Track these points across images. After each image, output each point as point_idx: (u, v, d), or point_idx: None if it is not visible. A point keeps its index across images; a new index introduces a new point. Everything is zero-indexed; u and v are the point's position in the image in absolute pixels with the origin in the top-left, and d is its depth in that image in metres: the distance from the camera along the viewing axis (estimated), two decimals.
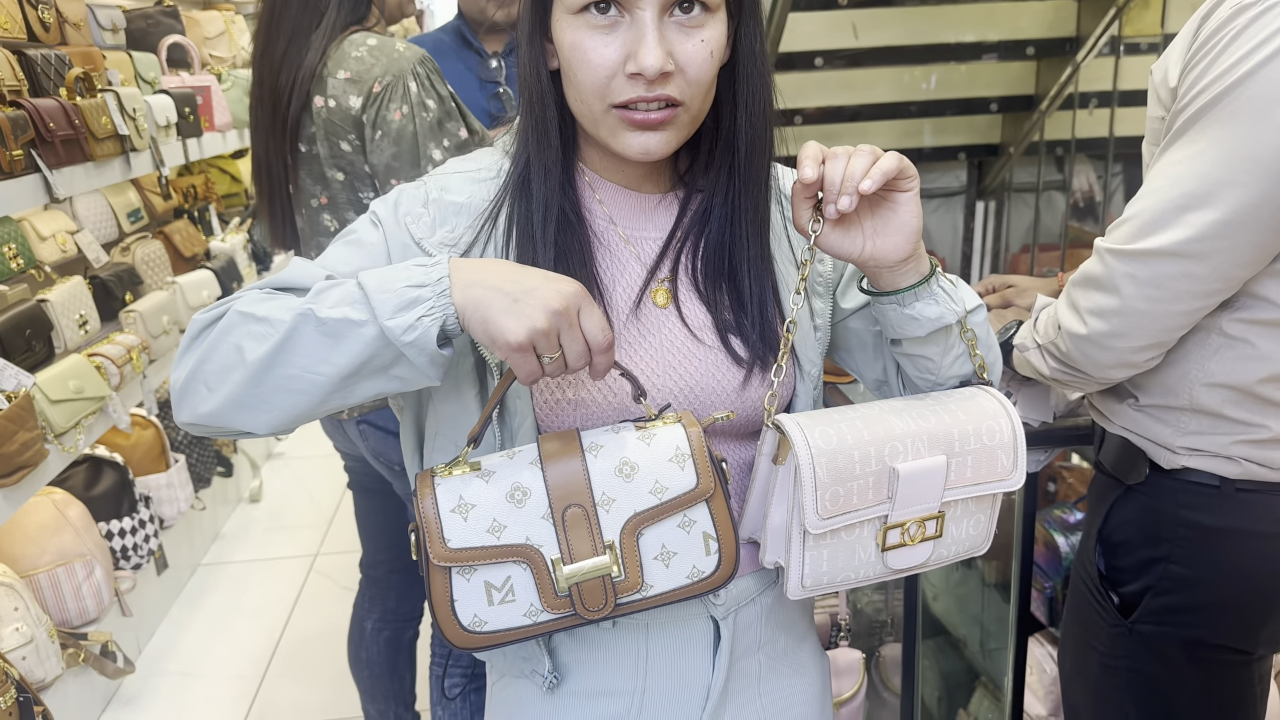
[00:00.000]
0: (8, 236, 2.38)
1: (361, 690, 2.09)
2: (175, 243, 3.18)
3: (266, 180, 1.74)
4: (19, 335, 2.22)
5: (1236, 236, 0.99)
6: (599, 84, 0.83)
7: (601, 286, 0.92)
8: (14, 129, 2.09)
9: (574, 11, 0.82)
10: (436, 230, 0.89)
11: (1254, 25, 0.95)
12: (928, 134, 3.10)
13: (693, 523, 0.82)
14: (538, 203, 0.89)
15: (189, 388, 0.82)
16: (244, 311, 0.80)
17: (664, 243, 0.94)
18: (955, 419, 0.88)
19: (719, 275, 0.94)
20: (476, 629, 0.81)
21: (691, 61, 0.83)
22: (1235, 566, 1.12)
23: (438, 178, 0.94)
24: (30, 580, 2.30)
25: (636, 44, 0.80)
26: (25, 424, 2.04)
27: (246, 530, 3.44)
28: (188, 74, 3.28)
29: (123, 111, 2.57)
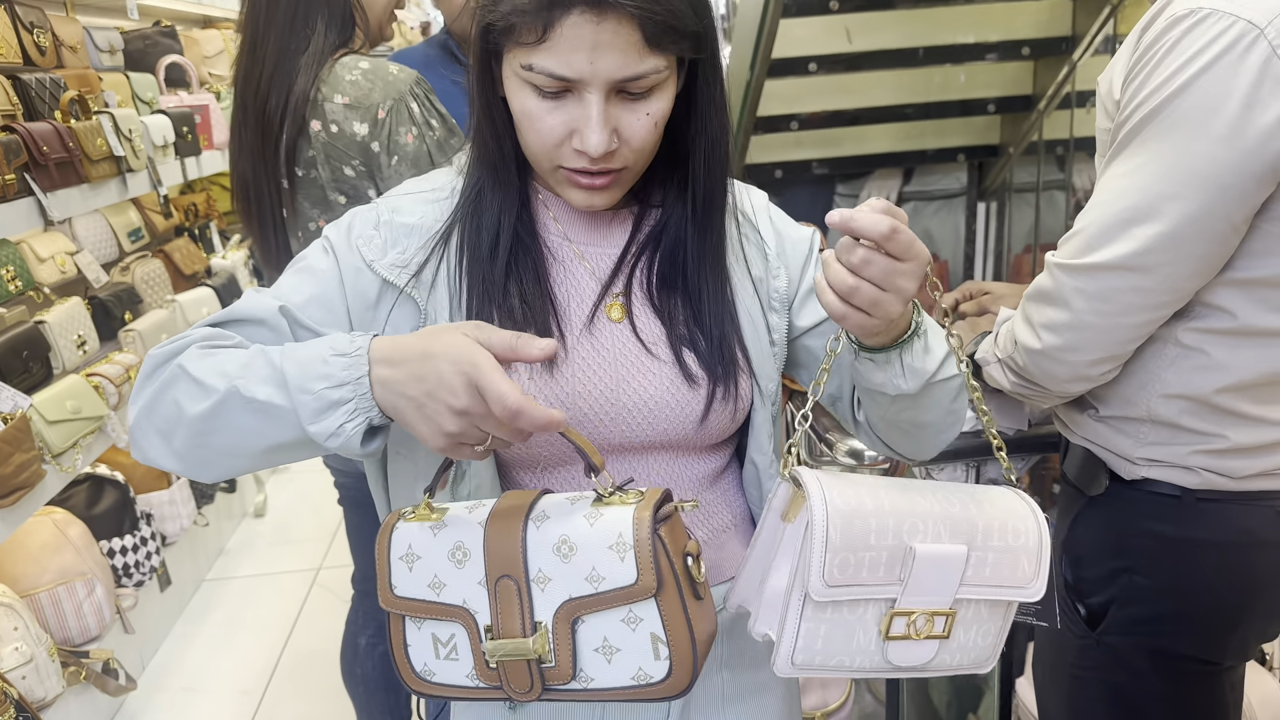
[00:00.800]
0: (6, 259, 2.41)
1: (357, 706, 2.10)
2: (175, 261, 3.21)
3: (255, 204, 1.73)
4: (16, 357, 2.24)
5: (1181, 249, 0.99)
6: (546, 149, 0.84)
7: (556, 303, 0.92)
8: (6, 153, 2.12)
9: (522, 79, 0.83)
10: (388, 252, 0.90)
11: (1187, 38, 0.95)
12: (926, 136, 3.09)
13: (639, 620, 0.74)
14: (489, 223, 0.90)
15: (139, 428, 0.83)
16: (184, 367, 0.80)
17: (618, 257, 0.94)
18: (982, 511, 0.83)
19: (674, 289, 0.94)
20: (427, 678, 0.80)
21: (635, 134, 0.84)
22: (1198, 577, 1.11)
23: (390, 199, 0.94)
24: (31, 599, 2.32)
25: (582, 124, 0.81)
26: (21, 445, 2.06)
27: (251, 545, 3.46)
28: (186, 93, 3.31)
29: (118, 133, 2.59)
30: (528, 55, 0.80)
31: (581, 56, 0.78)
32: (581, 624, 0.75)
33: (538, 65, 0.80)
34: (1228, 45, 0.93)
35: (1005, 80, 2.93)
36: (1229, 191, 0.96)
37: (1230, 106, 0.94)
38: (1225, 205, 0.97)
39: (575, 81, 0.80)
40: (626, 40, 0.78)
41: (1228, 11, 0.94)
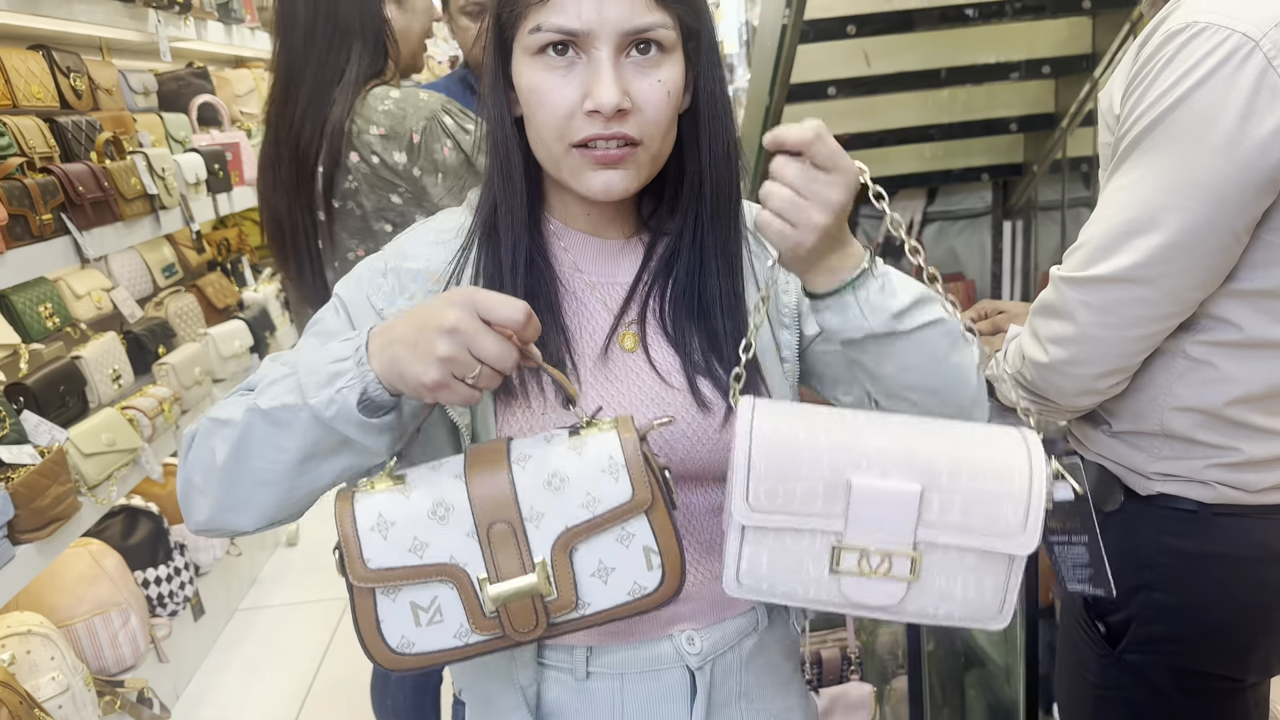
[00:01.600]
0: (44, 296, 2.47)
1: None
2: (208, 295, 3.27)
3: (290, 238, 1.75)
4: (53, 392, 2.30)
5: (1183, 260, 0.99)
6: (558, 123, 0.84)
7: (568, 334, 0.92)
8: (44, 194, 2.18)
9: (532, 53, 0.84)
10: (397, 299, 0.90)
11: (1184, 51, 0.96)
12: (949, 156, 3.09)
13: (631, 536, 0.77)
14: (506, 247, 0.91)
15: (184, 495, 0.86)
16: (212, 417, 0.83)
17: (630, 287, 0.94)
18: (957, 449, 0.75)
19: (688, 317, 0.93)
20: (405, 650, 0.78)
21: (649, 100, 0.84)
22: (1218, 592, 1.10)
23: (396, 244, 0.95)
24: (68, 630, 2.36)
25: (593, 82, 0.82)
26: (58, 478, 2.11)
27: (283, 573, 3.49)
28: (218, 131, 3.39)
29: (151, 171, 2.66)
30: (535, 16, 0.82)
31: (589, 6, 0.80)
32: (578, 552, 0.77)
33: (546, 23, 0.81)
34: (1224, 58, 0.94)
35: (1027, 99, 2.93)
36: (1228, 202, 0.96)
37: (1227, 118, 0.94)
38: (1225, 216, 0.97)
39: (583, 35, 0.81)
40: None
41: (1223, 25, 0.95)
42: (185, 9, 3.01)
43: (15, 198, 2.08)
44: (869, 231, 3.26)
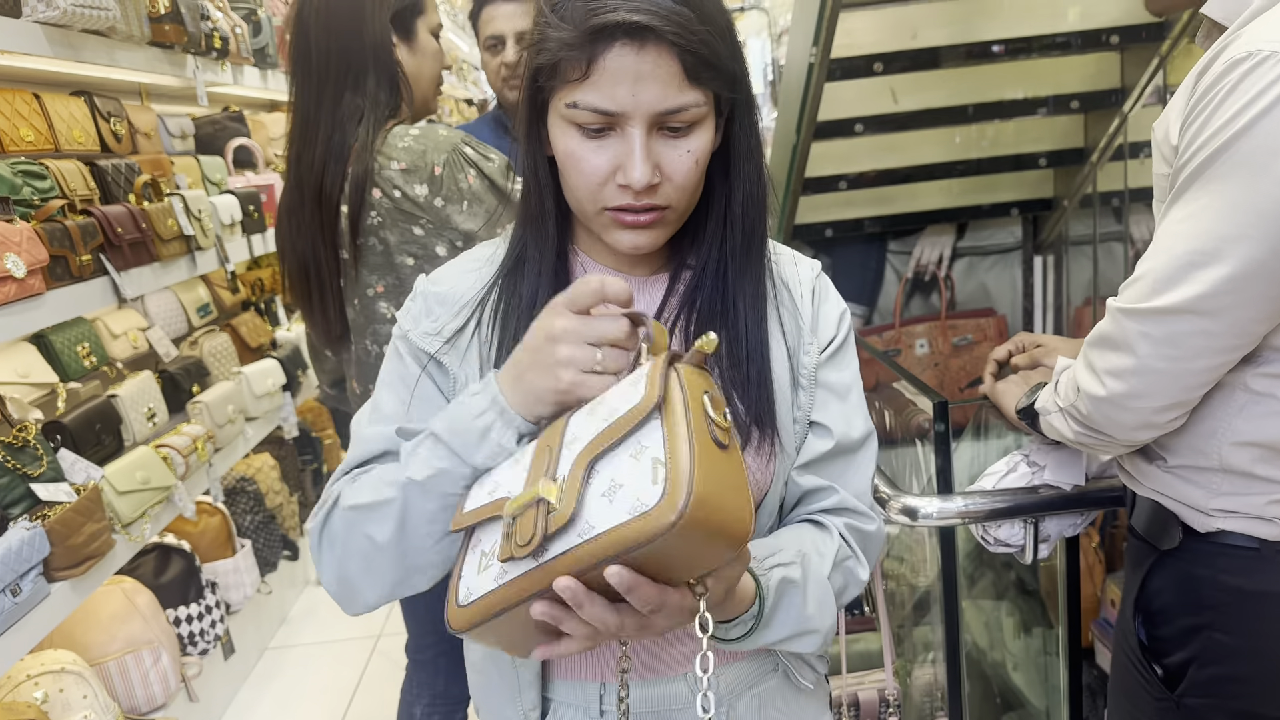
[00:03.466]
0: (81, 336, 2.50)
1: None
2: (242, 334, 3.31)
3: (315, 279, 1.78)
4: (89, 430, 2.32)
5: (1248, 290, 0.97)
6: (591, 189, 0.86)
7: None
8: (84, 235, 2.22)
9: (568, 122, 0.86)
10: (421, 321, 0.94)
11: (1247, 80, 0.94)
12: (979, 191, 3.08)
13: (644, 449, 0.69)
14: (529, 283, 0.93)
15: (345, 587, 0.89)
16: (352, 505, 0.86)
17: (656, 310, 0.95)
18: None
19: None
20: (466, 601, 0.75)
21: (677, 170, 0.86)
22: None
23: (434, 274, 0.99)
24: (100, 668, 2.37)
25: (625, 158, 0.84)
26: (93, 516, 2.12)
27: (313, 612, 3.49)
28: (253, 173, 3.44)
29: (188, 213, 2.71)
30: (572, 93, 0.83)
31: (624, 89, 0.81)
32: (596, 469, 0.71)
33: (582, 101, 0.83)
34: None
35: (1056, 134, 2.92)
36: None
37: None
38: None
39: (618, 115, 0.83)
40: (667, 72, 0.82)
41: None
42: (222, 54, 3.08)
43: (56, 239, 2.12)
44: (897, 267, 3.25)
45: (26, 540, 1.90)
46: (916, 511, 1.17)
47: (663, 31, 0.80)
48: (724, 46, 0.85)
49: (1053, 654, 2.08)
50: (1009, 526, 1.18)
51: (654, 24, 0.79)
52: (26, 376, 2.29)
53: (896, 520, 1.17)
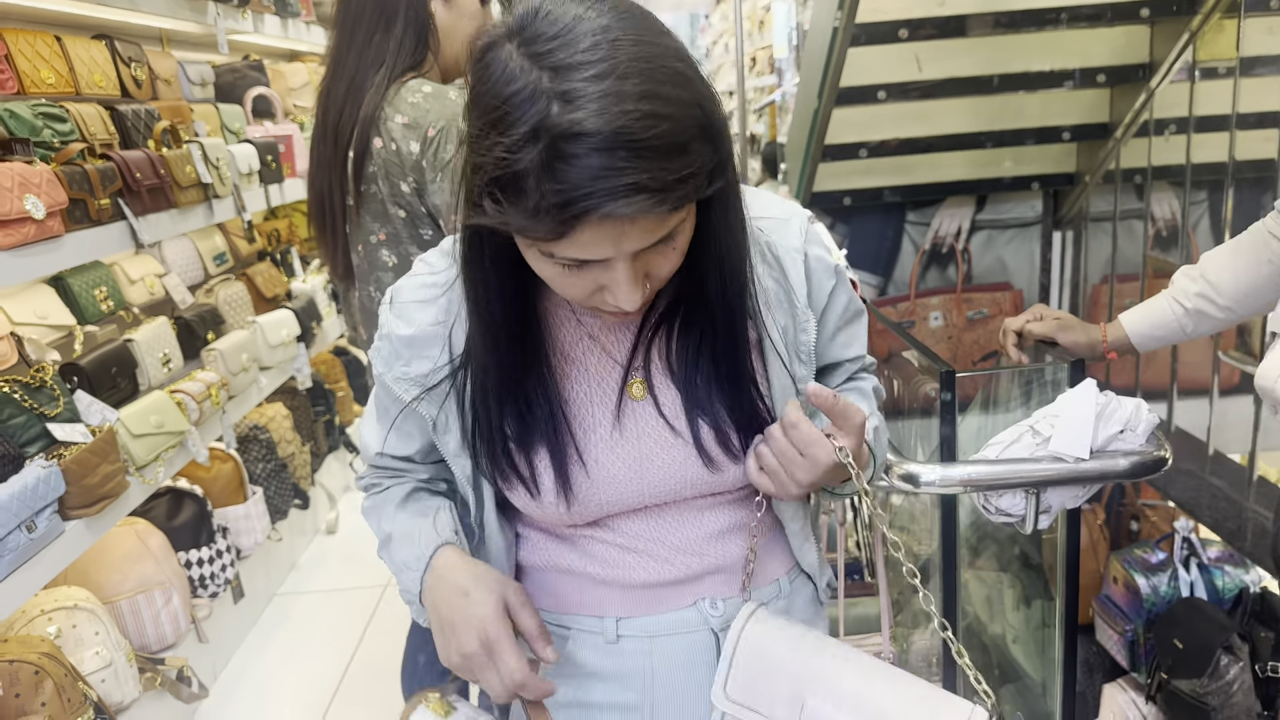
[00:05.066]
0: (99, 280, 2.53)
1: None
2: (257, 284, 3.32)
3: (330, 217, 1.80)
4: (106, 373, 2.35)
5: None
6: (577, 301, 0.82)
7: (568, 404, 0.90)
8: (103, 180, 2.23)
9: (542, 256, 0.77)
10: (393, 365, 0.92)
11: None
12: (1000, 164, 3.05)
13: None
14: (497, 318, 0.86)
15: None
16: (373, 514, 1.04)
17: (635, 333, 0.91)
18: (902, 709, 0.83)
19: (694, 355, 0.90)
20: None
21: (664, 267, 0.80)
22: None
23: (396, 299, 0.93)
24: (112, 606, 2.41)
25: (614, 286, 0.77)
26: (108, 457, 2.16)
27: (322, 560, 3.54)
28: (271, 123, 3.44)
29: (206, 161, 2.71)
30: (545, 244, 0.74)
31: (606, 246, 0.73)
32: None
33: (559, 254, 0.74)
34: None
35: (1081, 107, 2.88)
36: None
37: None
38: None
39: (601, 261, 0.75)
40: (653, 220, 0.72)
41: None
42: (243, 2, 3.07)
43: (76, 182, 2.13)
44: (915, 238, 3.24)
45: (42, 478, 1.93)
46: (918, 478, 1.17)
47: (651, 200, 0.69)
48: (702, 143, 0.72)
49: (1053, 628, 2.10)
50: (1010, 496, 1.18)
51: (645, 205, 0.69)
52: (45, 318, 2.31)
53: (898, 486, 1.18)
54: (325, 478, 3.84)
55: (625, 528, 0.95)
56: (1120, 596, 2.07)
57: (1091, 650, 2.15)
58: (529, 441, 0.89)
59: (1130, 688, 2.03)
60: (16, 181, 1.92)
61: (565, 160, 0.67)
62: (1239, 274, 1.34)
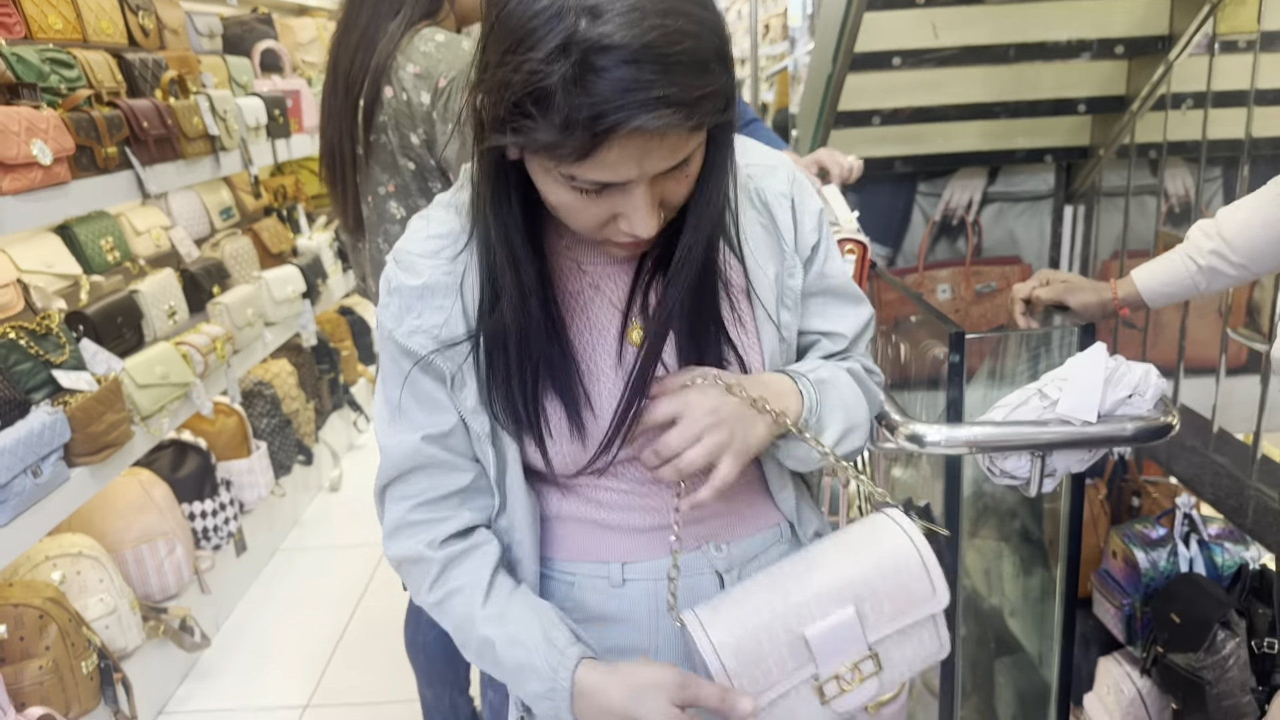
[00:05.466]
0: (105, 230, 2.52)
1: (419, 675, 2.14)
2: (263, 240, 3.31)
3: (339, 165, 1.78)
4: (111, 323, 2.35)
5: None
6: (589, 231, 0.82)
7: (575, 349, 0.91)
8: (110, 127, 2.22)
9: (559, 181, 0.77)
10: (404, 320, 0.89)
11: None
12: (1013, 135, 3.02)
13: None
14: (508, 271, 0.86)
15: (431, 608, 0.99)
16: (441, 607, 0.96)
17: (633, 277, 0.91)
18: (857, 561, 0.89)
19: (690, 298, 0.89)
20: None
21: (676, 195, 0.81)
22: None
23: (400, 257, 0.91)
24: (116, 555, 2.43)
25: (631, 213, 0.78)
26: (113, 406, 2.16)
27: (325, 517, 3.56)
28: (279, 78, 3.42)
29: (214, 113, 2.69)
30: (565, 167, 0.74)
31: (630, 166, 0.74)
32: None
33: (581, 176, 0.75)
34: None
35: (1097, 80, 2.85)
36: None
37: None
38: None
39: (621, 184, 0.76)
40: (675, 138, 0.74)
41: None
42: None
43: (83, 129, 2.12)
44: (925, 209, 3.21)
45: (48, 424, 1.93)
46: (923, 438, 1.17)
47: (679, 115, 0.70)
48: (720, 67, 0.73)
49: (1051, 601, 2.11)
50: (1015, 458, 1.18)
51: (673, 120, 0.70)
52: (50, 266, 2.31)
53: (904, 446, 1.18)
54: (329, 436, 3.85)
55: (629, 473, 0.95)
56: (1119, 571, 2.08)
57: (1088, 624, 2.16)
58: (541, 388, 0.89)
59: (1125, 661, 2.03)
60: (24, 126, 1.91)
61: (595, 73, 0.68)
62: (1254, 231, 1.33)
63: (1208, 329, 2.66)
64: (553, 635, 0.88)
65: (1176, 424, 1.17)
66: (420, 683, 2.14)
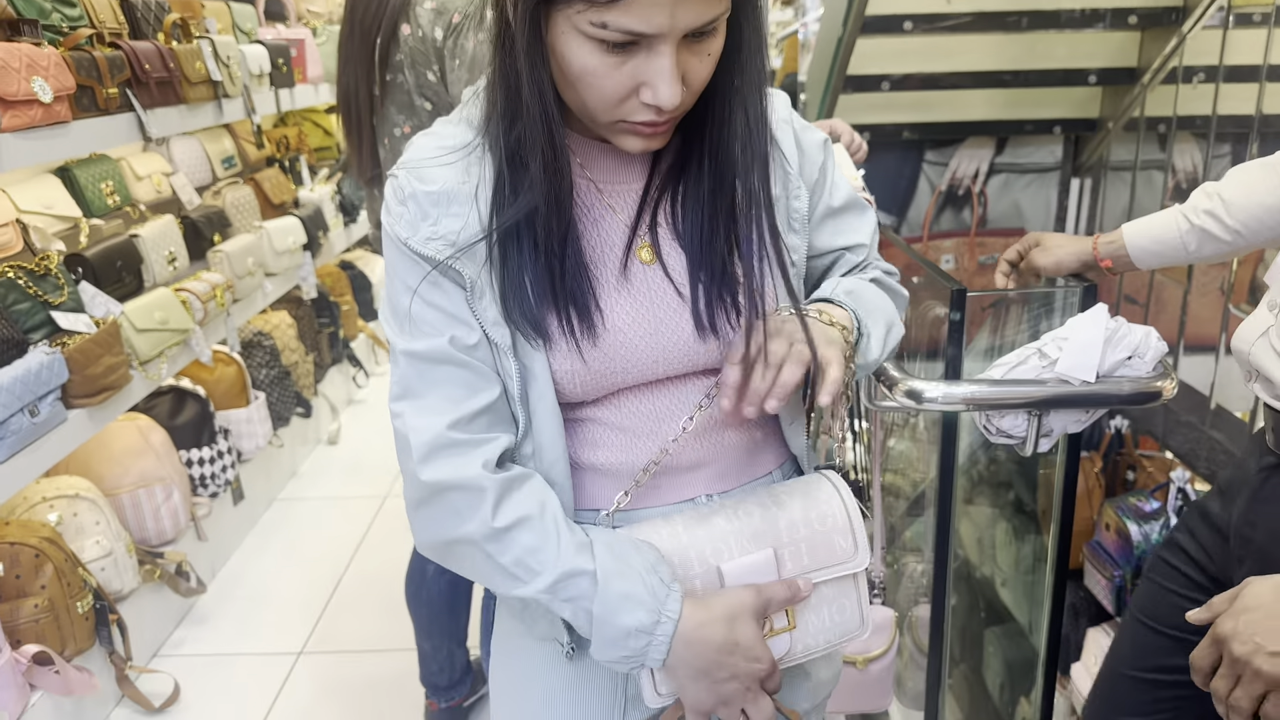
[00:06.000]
0: (106, 174, 2.50)
1: (418, 627, 2.14)
2: (265, 190, 3.30)
3: (355, 110, 1.77)
4: (110, 266, 2.34)
5: None
6: (607, 106, 0.81)
7: (588, 261, 0.90)
8: (111, 68, 2.20)
9: (586, 37, 0.78)
10: (419, 227, 0.87)
11: None
12: (1022, 105, 3.00)
13: None
14: (524, 189, 0.85)
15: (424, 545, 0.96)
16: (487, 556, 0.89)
17: (642, 192, 0.92)
18: (783, 510, 0.91)
19: (701, 220, 0.90)
20: None
21: (697, 76, 0.82)
22: None
23: (410, 168, 0.89)
24: (113, 499, 2.44)
25: (655, 77, 0.78)
26: (111, 349, 2.16)
27: (323, 470, 3.58)
28: (284, 26, 3.38)
29: (217, 58, 2.67)
30: (598, 13, 0.75)
31: (663, 13, 0.75)
32: None
33: (613, 23, 0.76)
34: None
35: (1109, 50, 2.82)
36: None
37: None
38: None
39: (651, 36, 0.77)
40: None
41: None
42: None
43: (84, 68, 2.10)
44: (932, 178, 3.20)
45: (45, 364, 1.93)
46: (921, 394, 1.17)
47: None
48: None
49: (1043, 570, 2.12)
50: (1012, 417, 1.18)
51: None
52: (50, 208, 2.30)
53: (902, 403, 1.18)
54: (328, 390, 3.86)
55: (629, 405, 0.94)
56: (1111, 543, 2.09)
57: (1079, 595, 2.17)
58: (556, 286, 0.88)
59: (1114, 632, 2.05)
60: (24, 63, 1.89)
61: None
62: (1255, 194, 1.28)
63: (1210, 306, 2.65)
64: (658, 568, 0.86)
65: (1174, 388, 1.17)
66: (419, 634, 2.15)
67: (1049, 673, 1.67)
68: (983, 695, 2.26)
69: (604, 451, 0.95)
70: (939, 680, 1.63)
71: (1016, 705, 2.11)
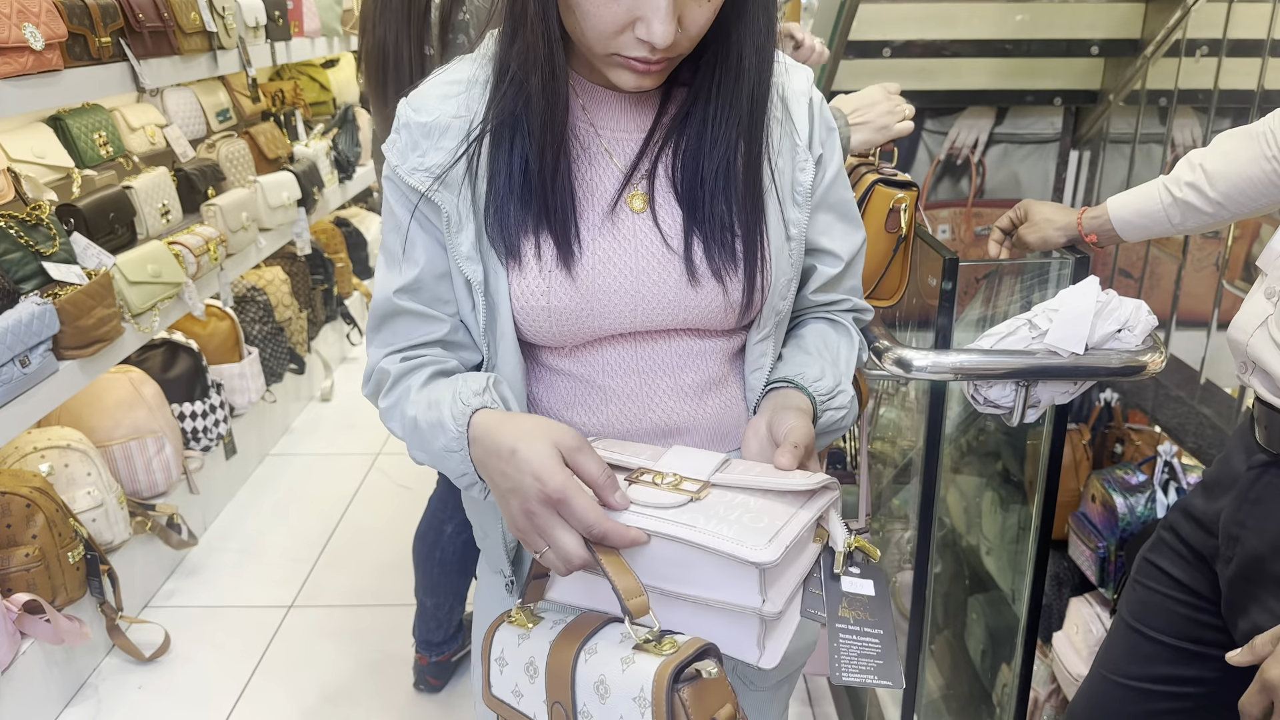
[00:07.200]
0: (99, 124, 2.48)
1: (424, 584, 2.14)
2: (260, 144, 3.27)
3: (394, 70, 1.68)
4: (103, 218, 2.33)
5: None
6: (603, 38, 0.81)
7: (576, 198, 0.90)
8: (104, 16, 2.17)
9: None
10: (408, 156, 0.89)
11: None
12: (1024, 75, 2.98)
13: None
14: (522, 119, 0.87)
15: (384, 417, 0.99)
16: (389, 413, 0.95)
17: (643, 142, 0.92)
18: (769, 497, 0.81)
19: (699, 175, 0.90)
20: None
21: (695, 22, 0.81)
22: None
23: (413, 98, 0.92)
24: (105, 451, 2.45)
25: (650, 13, 0.78)
26: (103, 300, 2.15)
27: (315, 426, 3.58)
28: None
29: (212, 9, 2.64)
30: None
31: None
32: None
33: None
34: None
35: (1113, 21, 2.80)
36: None
37: None
38: None
39: None
40: None
41: None
42: None
43: (76, 16, 2.07)
44: (931, 147, 3.18)
45: (36, 315, 1.93)
46: (910, 363, 1.17)
47: None
48: None
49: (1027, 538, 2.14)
50: (1000, 387, 1.19)
51: None
52: (42, 157, 2.28)
53: (891, 371, 1.18)
54: (322, 347, 3.85)
55: (608, 360, 0.94)
56: (1096, 514, 2.11)
57: (1063, 565, 2.19)
58: (534, 213, 0.89)
59: (1096, 602, 2.07)
60: (15, 9, 1.87)
61: None
62: (1235, 165, 1.27)
63: (1204, 282, 2.65)
64: (461, 390, 0.86)
65: (1163, 361, 1.18)
66: (423, 590, 2.15)
67: (1029, 640, 1.69)
68: (964, 661, 2.30)
69: (580, 413, 0.95)
70: (920, 645, 1.65)
71: (997, 672, 2.14)
